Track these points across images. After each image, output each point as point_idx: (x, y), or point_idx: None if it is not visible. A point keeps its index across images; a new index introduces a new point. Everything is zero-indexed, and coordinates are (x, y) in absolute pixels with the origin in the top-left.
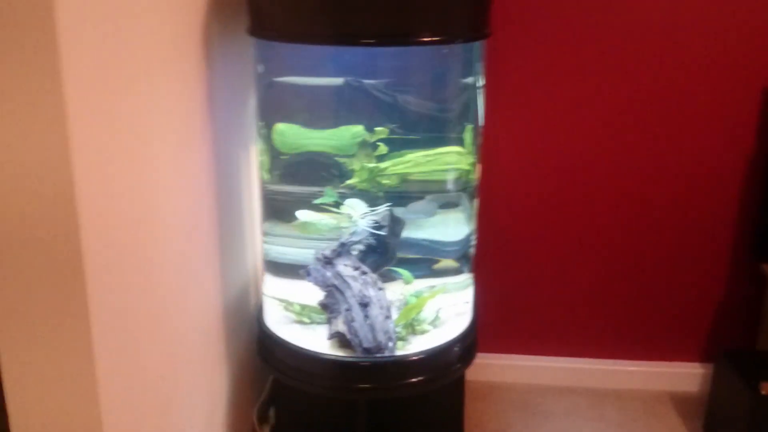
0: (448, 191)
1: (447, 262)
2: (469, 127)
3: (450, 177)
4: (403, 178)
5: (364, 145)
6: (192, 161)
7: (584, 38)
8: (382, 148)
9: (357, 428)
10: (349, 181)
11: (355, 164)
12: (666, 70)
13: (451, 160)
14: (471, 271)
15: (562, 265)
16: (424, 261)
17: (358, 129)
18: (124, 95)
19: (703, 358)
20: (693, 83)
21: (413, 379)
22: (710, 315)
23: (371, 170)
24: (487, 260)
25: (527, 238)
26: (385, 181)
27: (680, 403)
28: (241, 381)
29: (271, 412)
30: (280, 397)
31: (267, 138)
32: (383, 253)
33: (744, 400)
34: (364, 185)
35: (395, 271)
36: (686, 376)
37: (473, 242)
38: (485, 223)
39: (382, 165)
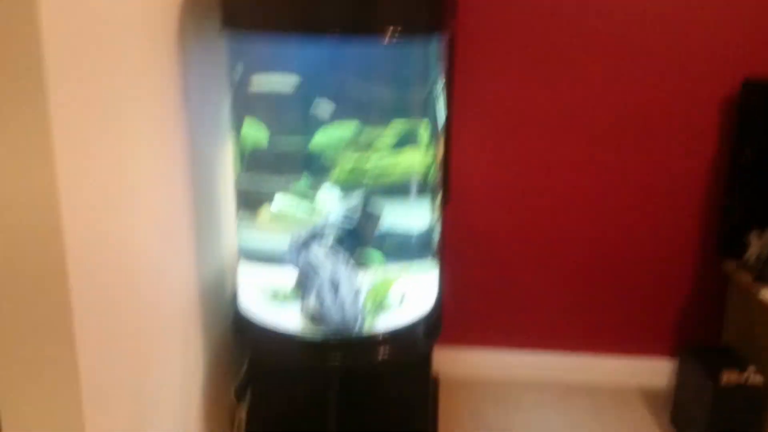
0: (411, 184)
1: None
2: (426, 124)
3: (412, 172)
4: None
5: (332, 141)
6: (168, 151)
7: (551, 40)
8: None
9: (329, 403)
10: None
11: (332, 158)
12: (633, 72)
13: (412, 156)
14: (435, 257)
15: (534, 262)
16: (393, 247)
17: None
18: (102, 86)
19: (671, 352)
20: (657, 87)
21: (381, 354)
22: (677, 311)
23: (348, 166)
24: (462, 256)
25: (501, 235)
26: (352, 177)
27: (649, 396)
28: (219, 362)
29: (249, 392)
30: (256, 376)
31: (238, 132)
32: (357, 240)
33: (706, 391)
34: (342, 178)
35: (367, 255)
36: (655, 370)
37: (436, 232)
38: (459, 220)
39: (348, 161)
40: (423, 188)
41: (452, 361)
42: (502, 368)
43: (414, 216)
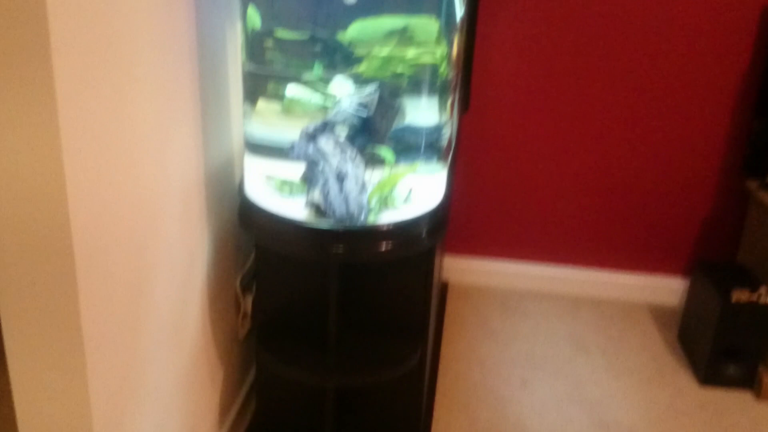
0: (423, 81)
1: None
2: (438, 19)
3: (424, 68)
4: (380, 66)
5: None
6: (172, 30)
7: None
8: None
9: (330, 293)
10: (341, 65)
11: (347, 47)
12: None
13: (423, 51)
14: (444, 158)
15: (550, 175)
16: (403, 144)
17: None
18: None
19: (685, 272)
20: (688, 3)
21: (382, 247)
22: (694, 229)
23: (363, 56)
24: (477, 167)
25: (518, 146)
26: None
27: (658, 313)
28: (224, 252)
29: (255, 283)
30: (262, 267)
31: (245, 15)
32: (370, 135)
33: (715, 308)
34: (359, 69)
35: (377, 151)
36: (667, 288)
37: (447, 133)
38: (477, 129)
39: (364, 52)
40: (435, 86)
41: (462, 270)
42: (511, 279)
43: (425, 114)
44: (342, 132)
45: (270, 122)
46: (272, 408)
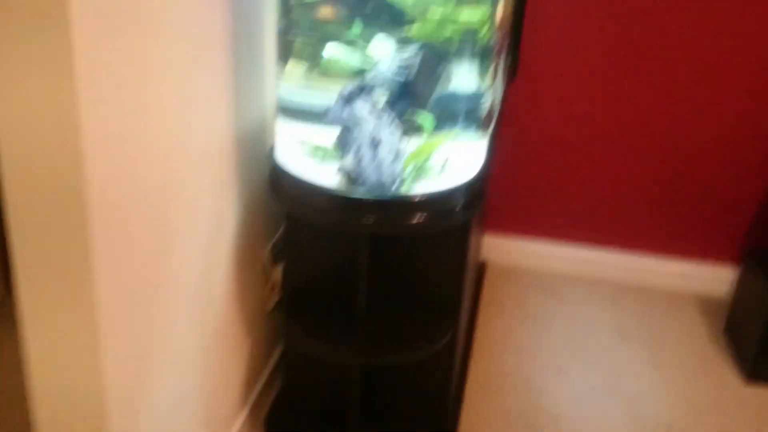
0: (466, 44)
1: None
2: None
3: (468, 31)
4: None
5: None
6: None
7: None
8: None
9: (360, 266)
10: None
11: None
12: None
13: (469, 14)
14: (484, 127)
15: (598, 153)
16: (442, 111)
17: None
18: None
19: (736, 260)
20: None
21: (415, 219)
22: (748, 216)
23: (408, 16)
24: (522, 140)
25: (567, 121)
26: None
27: (705, 303)
28: (254, 219)
29: (285, 253)
30: (291, 236)
31: None
32: (411, 100)
33: (765, 299)
34: (403, 30)
35: (416, 117)
36: (716, 278)
37: (489, 100)
38: (524, 99)
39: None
40: (478, 50)
41: (502, 250)
42: (553, 261)
43: (467, 79)
44: (381, 96)
45: (304, 84)
46: (299, 384)
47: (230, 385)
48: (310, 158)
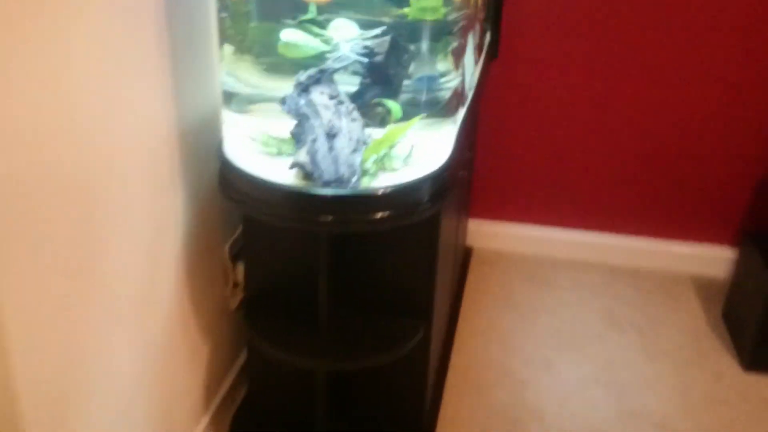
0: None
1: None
2: None
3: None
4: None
5: None
6: None
7: None
8: None
9: (320, 267)
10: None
11: None
12: None
13: None
14: (451, 112)
15: (586, 132)
16: (408, 97)
17: None
18: None
19: (734, 242)
20: None
21: (376, 215)
22: (746, 195)
23: None
24: (504, 122)
25: (551, 98)
26: None
27: (702, 286)
28: (207, 217)
29: (245, 252)
30: (249, 234)
31: None
32: (384, 85)
33: (764, 283)
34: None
35: (383, 104)
36: (714, 259)
37: (455, 82)
38: (506, 79)
39: None
40: (441, 29)
41: (488, 235)
42: (541, 246)
43: (434, 63)
44: (344, 82)
45: (251, 71)
46: (264, 388)
47: (186, 391)
48: (262, 152)
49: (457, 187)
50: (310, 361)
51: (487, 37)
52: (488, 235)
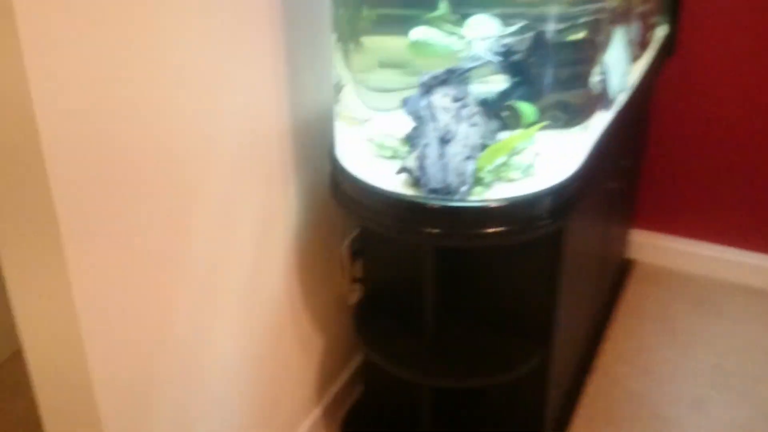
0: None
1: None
2: None
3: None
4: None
5: None
6: None
7: None
8: None
9: (426, 280)
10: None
11: None
12: None
13: None
14: (584, 117)
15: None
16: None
17: None
18: None
19: None
20: None
21: (486, 229)
22: None
23: None
24: (679, 124)
25: (733, 101)
26: None
27: None
28: (322, 212)
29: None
30: (367, 233)
31: None
32: (526, 87)
33: None
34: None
35: (514, 107)
36: None
37: (593, 83)
38: (682, 80)
39: None
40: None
41: (653, 248)
42: (712, 265)
43: (567, 60)
44: (478, 84)
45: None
46: (377, 391)
47: (297, 381)
48: (376, 155)
49: (597, 200)
50: (413, 374)
51: (658, 31)
52: (654, 248)
